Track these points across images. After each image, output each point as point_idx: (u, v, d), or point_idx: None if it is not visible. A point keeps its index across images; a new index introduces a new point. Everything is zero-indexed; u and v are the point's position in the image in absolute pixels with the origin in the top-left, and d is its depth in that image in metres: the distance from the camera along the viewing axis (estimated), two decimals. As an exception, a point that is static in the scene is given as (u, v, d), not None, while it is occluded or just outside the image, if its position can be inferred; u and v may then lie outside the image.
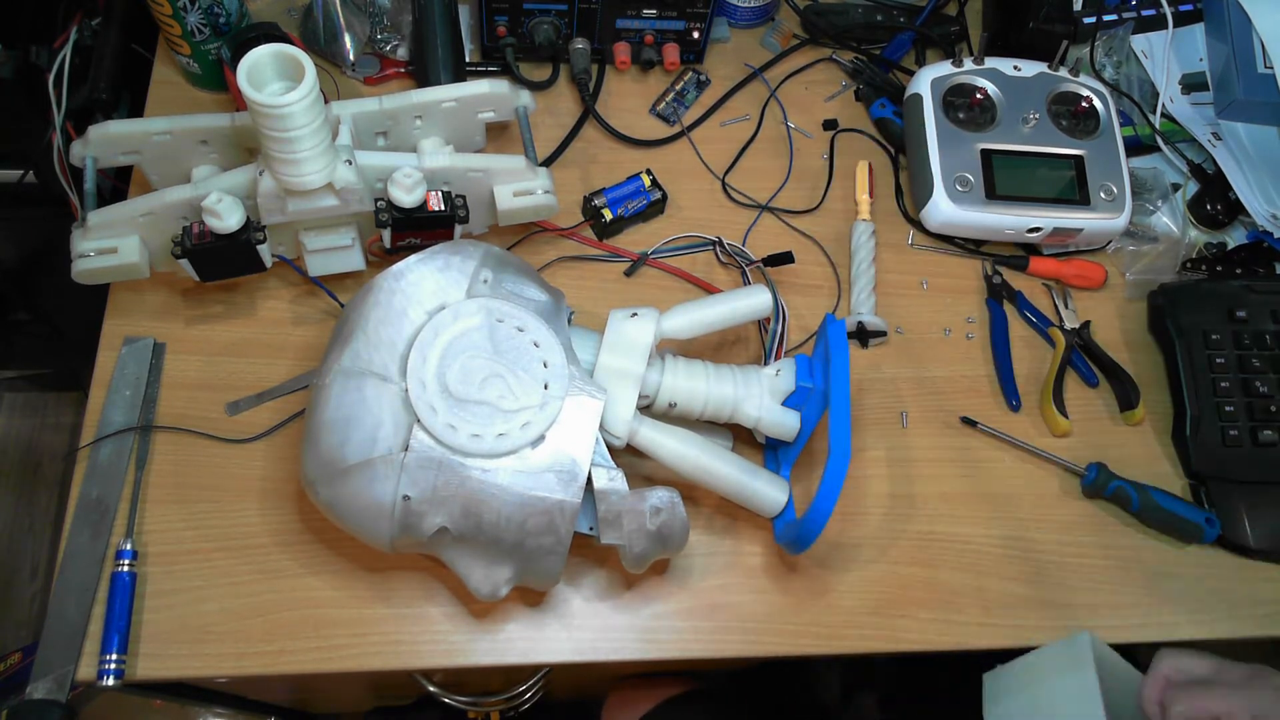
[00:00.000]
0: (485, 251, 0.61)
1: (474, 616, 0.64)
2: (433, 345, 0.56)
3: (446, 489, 0.55)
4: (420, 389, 0.55)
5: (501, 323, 0.58)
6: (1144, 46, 0.89)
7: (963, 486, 0.73)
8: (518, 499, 0.55)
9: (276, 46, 0.58)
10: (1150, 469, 0.75)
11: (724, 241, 0.78)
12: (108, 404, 0.67)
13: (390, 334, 0.57)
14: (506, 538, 0.56)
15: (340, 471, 0.55)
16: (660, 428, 0.61)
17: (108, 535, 0.63)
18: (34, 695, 0.58)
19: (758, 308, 0.65)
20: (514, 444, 0.55)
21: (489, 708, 0.94)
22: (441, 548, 0.58)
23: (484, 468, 0.55)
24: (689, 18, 0.83)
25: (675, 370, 0.63)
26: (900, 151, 0.86)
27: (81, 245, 0.64)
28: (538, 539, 0.56)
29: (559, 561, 0.57)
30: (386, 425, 0.55)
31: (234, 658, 0.61)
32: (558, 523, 0.56)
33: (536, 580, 0.60)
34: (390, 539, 0.56)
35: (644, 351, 0.61)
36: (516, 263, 0.63)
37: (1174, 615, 0.70)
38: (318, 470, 0.56)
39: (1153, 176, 0.84)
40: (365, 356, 0.56)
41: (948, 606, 0.68)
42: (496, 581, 0.58)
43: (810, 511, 0.58)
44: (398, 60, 0.82)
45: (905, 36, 0.90)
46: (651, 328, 0.62)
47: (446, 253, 0.60)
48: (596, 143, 0.83)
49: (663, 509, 0.58)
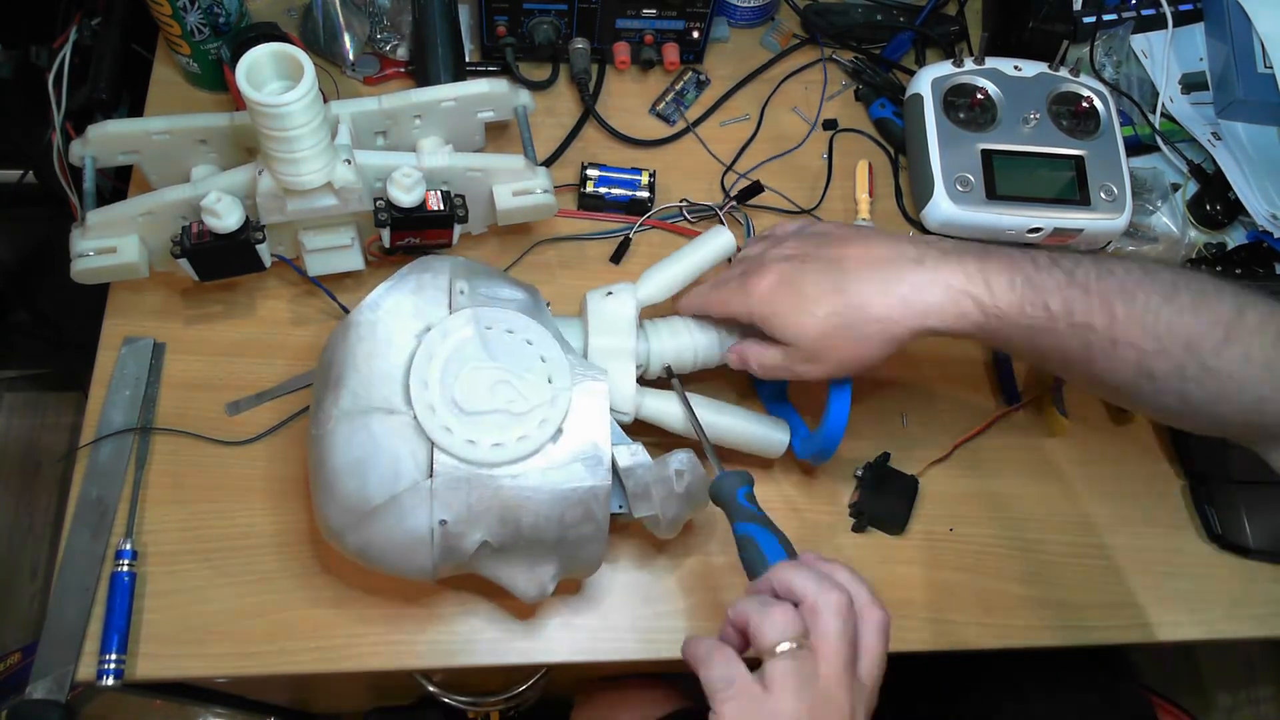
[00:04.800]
0: (453, 264, 0.61)
1: (474, 616, 0.64)
2: (431, 366, 0.56)
3: (480, 504, 0.54)
4: (429, 413, 0.54)
5: (491, 329, 0.58)
6: (1144, 46, 0.89)
7: (962, 486, 0.73)
8: (551, 495, 0.55)
9: (276, 46, 0.58)
10: (1150, 469, 0.75)
11: (688, 202, 0.79)
12: (108, 404, 0.67)
13: (383, 366, 0.56)
14: (548, 536, 0.56)
15: (367, 514, 0.54)
16: (662, 395, 0.63)
17: (107, 535, 0.63)
18: (34, 695, 0.58)
19: (723, 246, 0.66)
20: (536, 444, 0.55)
21: (489, 708, 0.94)
22: (481, 563, 0.57)
23: (513, 474, 0.55)
24: (689, 18, 0.83)
25: (659, 334, 0.64)
26: (900, 151, 0.86)
27: (81, 245, 0.64)
28: (578, 529, 0.56)
29: (600, 547, 0.58)
30: (404, 457, 0.54)
31: (234, 658, 0.61)
32: (594, 509, 0.56)
33: (580, 569, 0.61)
34: (434, 567, 0.56)
35: (630, 326, 0.62)
36: (484, 268, 0.63)
37: (1174, 615, 0.70)
38: (342, 518, 0.55)
39: (1153, 176, 0.83)
40: (364, 394, 0.55)
41: (948, 606, 0.68)
42: (543, 580, 0.58)
43: (828, 421, 0.61)
44: (398, 60, 0.82)
45: (905, 36, 0.90)
46: (631, 301, 0.63)
47: (416, 273, 0.60)
48: (596, 143, 0.83)
49: (685, 470, 0.59)
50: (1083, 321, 0.54)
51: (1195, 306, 0.53)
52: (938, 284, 0.55)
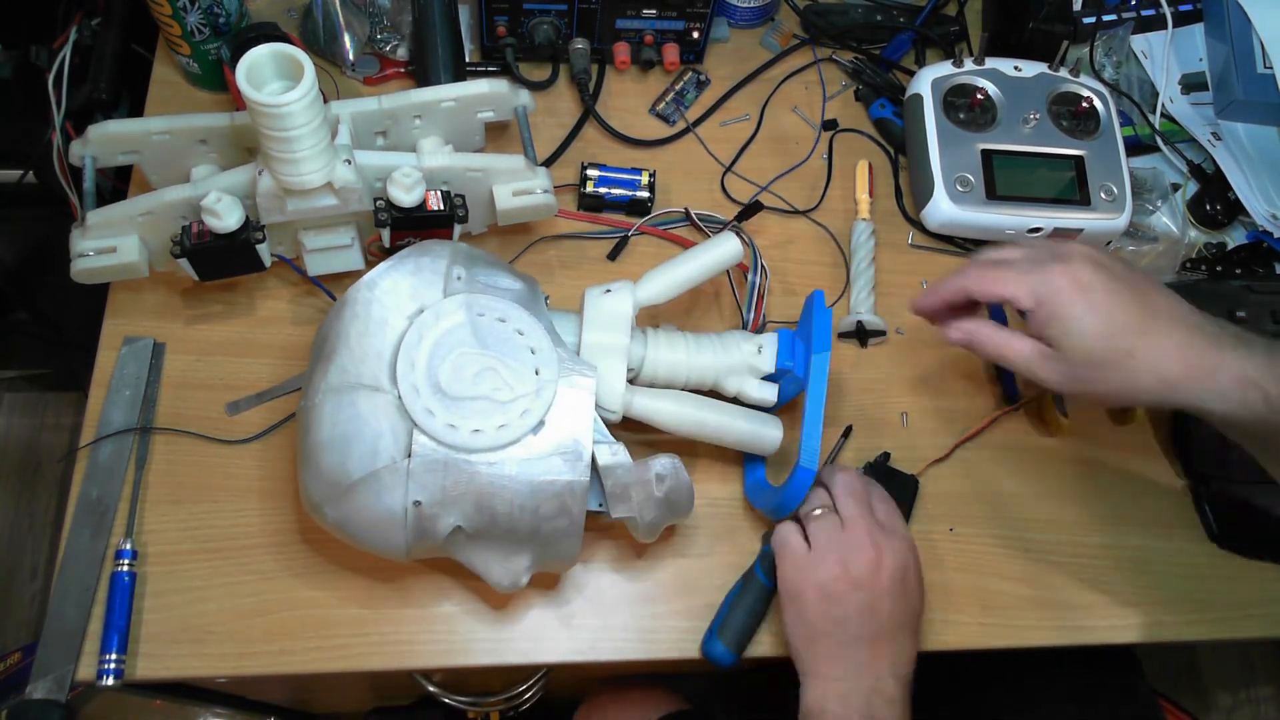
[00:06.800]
0: (454, 249, 0.61)
1: (474, 616, 0.64)
2: (419, 348, 0.56)
3: (456, 488, 0.55)
4: (414, 394, 0.55)
5: (483, 316, 0.58)
6: (1144, 46, 0.89)
7: (962, 486, 0.73)
8: (528, 486, 0.55)
9: (276, 46, 0.58)
10: (1150, 469, 0.75)
11: (691, 211, 0.79)
12: (108, 404, 0.67)
13: (374, 344, 0.56)
14: (522, 526, 0.56)
15: (345, 489, 0.55)
16: (652, 393, 0.63)
17: (108, 535, 0.63)
18: (34, 695, 0.58)
19: (729, 255, 0.65)
20: (516, 433, 0.55)
21: (489, 708, 0.94)
22: (456, 548, 0.58)
23: (490, 461, 0.55)
24: (689, 18, 0.83)
25: (657, 343, 0.64)
26: (900, 151, 0.86)
27: (81, 245, 0.64)
28: (553, 522, 0.56)
29: (576, 542, 0.58)
30: (385, 435, 0.54)
31: (234, 658, 0.61)
32: (570, 503, 0.56)
33: (555, 563, 0.60)
34: (406, 547, 0.56)
35: (626, 324, 0.62)
36: (485, 256, 0.63)
37: (1174, 615, 0.70)
38: (322, 492, 0.56)
39: (1153, 176, 0.84)
40: (353, 370, 0.56)
41: (948, 606, 0.68)
42: (516, 571, 0.58)
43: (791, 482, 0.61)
44: (398, 60, 0.82)
45: (905, 36, 0.90)
46: (629, 299, 0.63)
47: (415, 255, 0.60)
48: (596, 143, 0.83)
49: (667, 475, 0.59)
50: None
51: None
52: (1231, 370, 0.54)
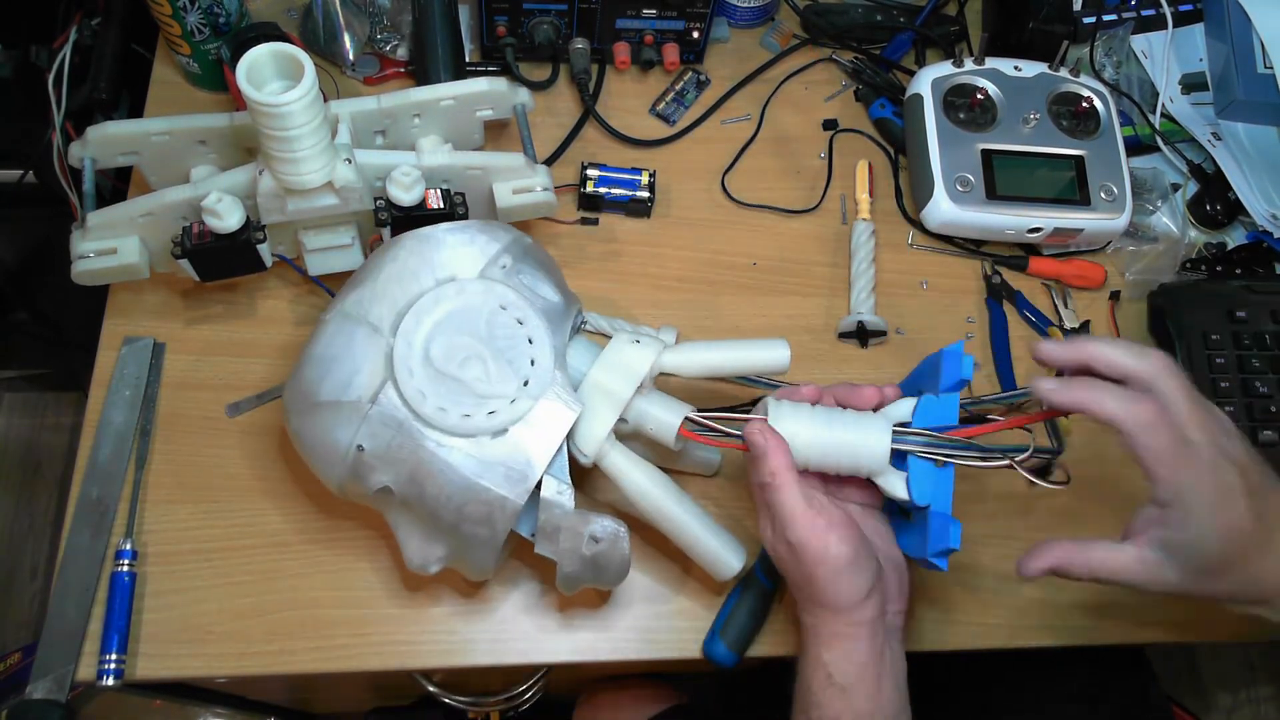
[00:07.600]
0: (514, 238, 0.61)
1: (474, 617, 0.64)
2: (430, 312, 0.57)
3: (400, 451, 0.55)
4: (405, 349, 0.56)
5: (504, 310, 0.58)
6: (1144, 46, 0.89)
7: (962, 486, 0.72)
8: (462, 482, 0.55)
9: (276, 45, 0.58)
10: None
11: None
12: (108, 404, 0.67)
13: (396, 291, 0.58)
14: (444, 516, 0.56)
15: (311, 405, 0.56)
16: (632, 459, 0.59)
17: (108, 535, 0.63)
18: (34, 695, 0.58)
19: (772, 361, 0.61)
20: (475, 428, 0.55)
21: (489, 708, 0.94)
22: (386, 507, 0.58)
23: (439, 442, 0.55)
24: (689, 18, 0.83)
25: (656, 400, 0.60)
26: (900, 151, 0.86)
27: (81, 246, 0.64)
28: (473, 527, 0.56)
29: (491, 556, 0.57)
30: (363, 374, 0.55)
31: (234, 658, 0.61)
32: (495, 517, 0.55)
33: (468, 569, 0.60)
34: (339, 483, 0.57)
35: (636, 377, 0.59)
36: (541, 257, 0.63)
37: (1174, 615, 0.70)
38: (294, 400, 0.58)
39: (1153, 176, 0.84)
40: (366, 305, 0.57)
41: (947, 606, 0.68)
42: (428, 557, 0.58)
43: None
44: (397, 60, 0.82)
45: (905, 36, 0.90)
46: (651, 357, 0.60)
47: (475, 229, 0.61)
48: (596, 143, 0.83)
49: (602, 539, 0.56)
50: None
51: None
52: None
